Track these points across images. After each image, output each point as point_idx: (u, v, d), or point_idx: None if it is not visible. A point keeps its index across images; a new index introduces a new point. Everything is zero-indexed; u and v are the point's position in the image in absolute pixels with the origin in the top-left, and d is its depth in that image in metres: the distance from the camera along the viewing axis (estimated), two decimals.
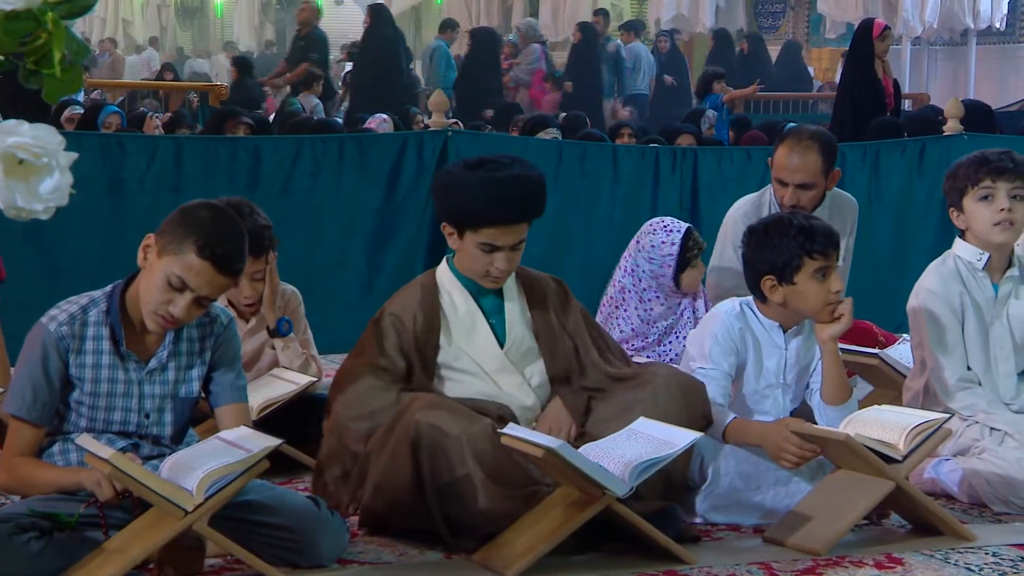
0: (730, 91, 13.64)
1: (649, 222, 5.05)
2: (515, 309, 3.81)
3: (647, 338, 4.96)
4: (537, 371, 3.81)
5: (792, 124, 5.90)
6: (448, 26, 16.73)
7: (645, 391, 3.69)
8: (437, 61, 15.84)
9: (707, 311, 4.45)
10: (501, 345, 3.78)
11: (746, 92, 13.98)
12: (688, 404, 3.68)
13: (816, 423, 3.97)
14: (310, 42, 14.39)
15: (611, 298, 5.01)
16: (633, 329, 4.95)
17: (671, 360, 4.76)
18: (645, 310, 4.94)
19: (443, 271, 3.83)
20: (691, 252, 4.92)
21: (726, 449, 3.80)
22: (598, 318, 4.88)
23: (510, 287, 3.83)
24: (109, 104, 10.44)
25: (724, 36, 17.37)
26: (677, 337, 4.95)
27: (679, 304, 4.97)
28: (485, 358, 3.76)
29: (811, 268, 3.86)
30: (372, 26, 14.07)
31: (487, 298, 3.81)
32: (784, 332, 4.01)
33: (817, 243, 3.87)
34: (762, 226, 3.98)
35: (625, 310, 4.96)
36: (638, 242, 4.99)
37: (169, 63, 19.68)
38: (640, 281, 4.94)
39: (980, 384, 4.18)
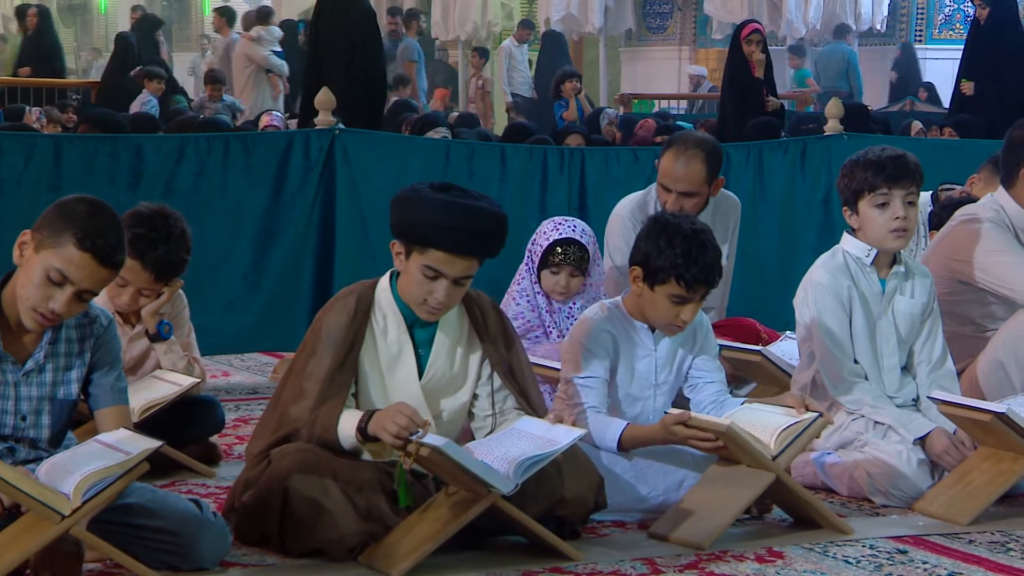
0: (581, 97, 13.26)
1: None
2: (447, 341, 3.69)
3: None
4: (451, 405, 3.71)
5: (680, 130, 5.91)
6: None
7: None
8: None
9: None
10: (421, 376, 3.68)
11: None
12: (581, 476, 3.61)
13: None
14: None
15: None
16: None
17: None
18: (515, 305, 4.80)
19: (384, 289, 3.68)
20: (556, 256, 4.72)
21: (618, 467, 3.81)
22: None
23: (448, 317, 3.69)
24: None
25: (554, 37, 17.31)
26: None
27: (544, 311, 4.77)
28: (401, 390, 3.64)
29: (672, 290, 3.85)
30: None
31: (422, 329, 3.67)
32: (652, 332, 3.99)
33: (691, 275, 3.82)
34: (664, 222, 3.91)
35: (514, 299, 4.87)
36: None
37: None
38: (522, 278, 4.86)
39: (867, 378, 4.24)
